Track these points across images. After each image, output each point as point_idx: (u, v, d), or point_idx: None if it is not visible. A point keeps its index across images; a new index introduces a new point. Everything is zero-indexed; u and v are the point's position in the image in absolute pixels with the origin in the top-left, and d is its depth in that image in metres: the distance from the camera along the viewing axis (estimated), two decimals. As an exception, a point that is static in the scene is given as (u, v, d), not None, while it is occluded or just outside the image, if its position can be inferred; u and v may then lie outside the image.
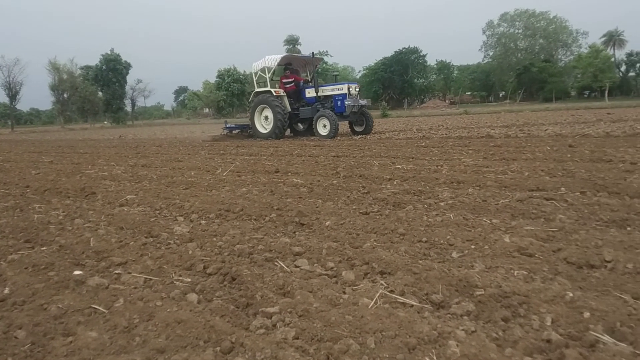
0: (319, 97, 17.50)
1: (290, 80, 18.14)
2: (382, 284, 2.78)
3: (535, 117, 25.90)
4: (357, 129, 17.92)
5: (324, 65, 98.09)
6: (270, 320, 2.38)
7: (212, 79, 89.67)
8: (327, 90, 17.41)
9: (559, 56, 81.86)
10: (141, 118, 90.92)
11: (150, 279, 3.07)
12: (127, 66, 73.62)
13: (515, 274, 2.81)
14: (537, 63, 72.88)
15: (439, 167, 7.30)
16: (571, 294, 2.38)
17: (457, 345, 1.96)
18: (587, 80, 67.26)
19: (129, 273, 3.17)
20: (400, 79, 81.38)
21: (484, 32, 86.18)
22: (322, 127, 16.39)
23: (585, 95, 71.72)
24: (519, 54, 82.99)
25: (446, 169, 7.12)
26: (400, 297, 2.57)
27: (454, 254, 3.27)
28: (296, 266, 3.19)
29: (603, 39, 76.47)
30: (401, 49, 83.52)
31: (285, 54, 18.26)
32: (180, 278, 3.05)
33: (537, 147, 9.23)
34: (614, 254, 2.92)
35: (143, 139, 24.02)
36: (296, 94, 18.13)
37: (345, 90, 16.86)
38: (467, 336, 2.05)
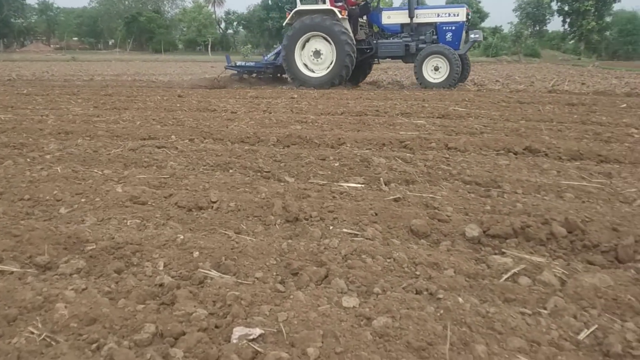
0: (411, 24, 11.60)
1: None
2: (-29, 254, 2.35)
3: (146, 67, 26.16)
4: None
5: None
6: None
7: None
8: (429, 15, 11.57)
9: (167, 8, 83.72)
10: None
11: None
12: None
13: (129, 224, 2.78)
14: (146, 13, 72.98)
15: (44, 117, 6.65)
16: (182, 237, 2.49)
17: (66, 306, 1.80)
18: (192, 34, 71.34)
19: None
20: (-7, 17, 70.01)
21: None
22: (433, 71, 11.11)
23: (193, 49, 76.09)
24: (127, 2, 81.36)
25: (52, 119, 6.54)
26: (-4, 266, 2.22)
27: (62, 210, 3.02)
28: None
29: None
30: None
31: None
32: None
33: (148, 97, 9.31)
34: (219, 195, 3.18)
35: None
36: (351, 20, 11.89)
37: (462, 17, 11.38)
38: (76, 295, 1.90)
